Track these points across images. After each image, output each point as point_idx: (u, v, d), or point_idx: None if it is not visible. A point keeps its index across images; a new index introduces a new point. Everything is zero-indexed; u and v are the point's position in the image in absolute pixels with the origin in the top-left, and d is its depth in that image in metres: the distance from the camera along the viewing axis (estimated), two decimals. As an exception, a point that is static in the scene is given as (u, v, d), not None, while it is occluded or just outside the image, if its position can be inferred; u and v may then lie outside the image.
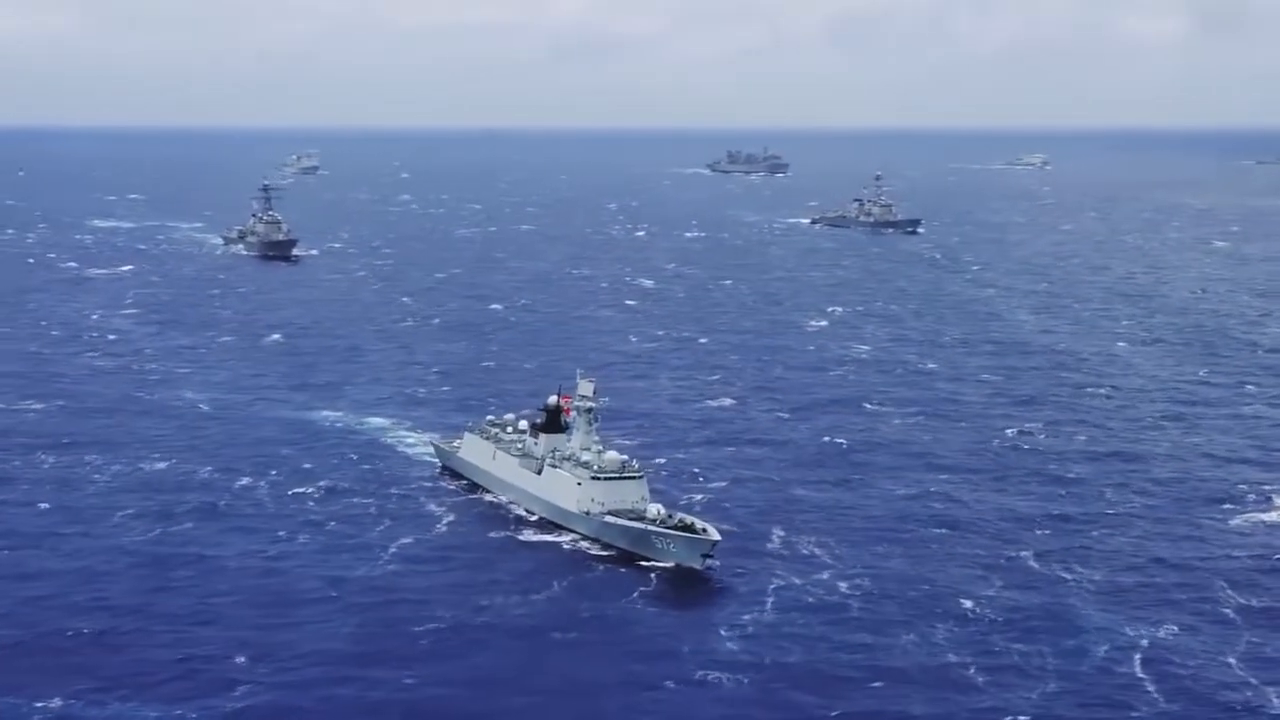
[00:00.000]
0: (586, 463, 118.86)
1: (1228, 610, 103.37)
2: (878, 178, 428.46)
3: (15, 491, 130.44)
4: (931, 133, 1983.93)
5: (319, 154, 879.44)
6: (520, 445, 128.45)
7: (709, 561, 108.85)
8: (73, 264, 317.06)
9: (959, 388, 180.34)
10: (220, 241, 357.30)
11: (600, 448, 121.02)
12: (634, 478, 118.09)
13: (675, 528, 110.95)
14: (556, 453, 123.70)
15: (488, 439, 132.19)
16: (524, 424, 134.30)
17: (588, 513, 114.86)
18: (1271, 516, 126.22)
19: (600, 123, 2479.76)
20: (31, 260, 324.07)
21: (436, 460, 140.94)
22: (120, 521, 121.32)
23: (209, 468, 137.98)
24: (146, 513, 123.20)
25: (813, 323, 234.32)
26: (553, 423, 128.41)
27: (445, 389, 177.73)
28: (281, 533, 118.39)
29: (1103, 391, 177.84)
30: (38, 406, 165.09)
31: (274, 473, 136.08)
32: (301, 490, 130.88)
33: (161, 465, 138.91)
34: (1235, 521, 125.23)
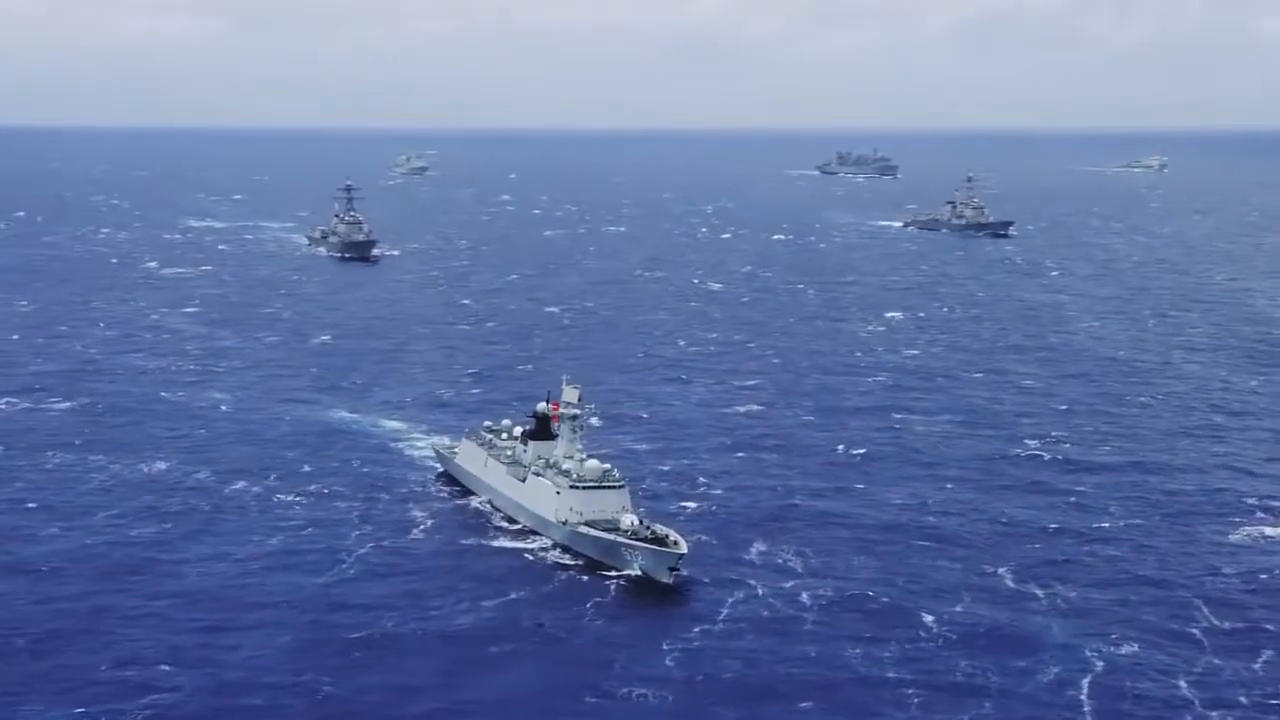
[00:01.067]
0: (567, 471, 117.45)
1: (1195, 630, 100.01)
2: (969, 179, 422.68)
3: (10, 489, 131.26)
4: (1056, 134, 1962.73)
5: (435, 154, 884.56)
6: (510, 452, 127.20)
7: (676, 574, 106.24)
8: (153, 264, 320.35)
9: (997, 395, 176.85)
10: (306, 242, 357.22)
11: (583, 456, 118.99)
12: (614, 487, 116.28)
13: (647, 539, 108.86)
14: (543, 460, 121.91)
15: (481, 445, 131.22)
16: (519, 430, 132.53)
17: (565, 522, 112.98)
18: (1273, 531, 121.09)
19: (723, 124, 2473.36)
20: (115, 260, 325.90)
21: (439, 465, 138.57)
22: (99, 522, 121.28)
23: (209, 470, 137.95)
24: (128, 514, 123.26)
25: (869, 328, 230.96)
26: (542, 430, 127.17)
27: (475, 392, 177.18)
28: (255, 537, 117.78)
29: (1142, 400, 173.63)
30: (64, 405, 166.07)
31: (272, 476, 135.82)
32: (291, 494, 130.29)
33: (162, 466, 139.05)
34: (1234, 536, 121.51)
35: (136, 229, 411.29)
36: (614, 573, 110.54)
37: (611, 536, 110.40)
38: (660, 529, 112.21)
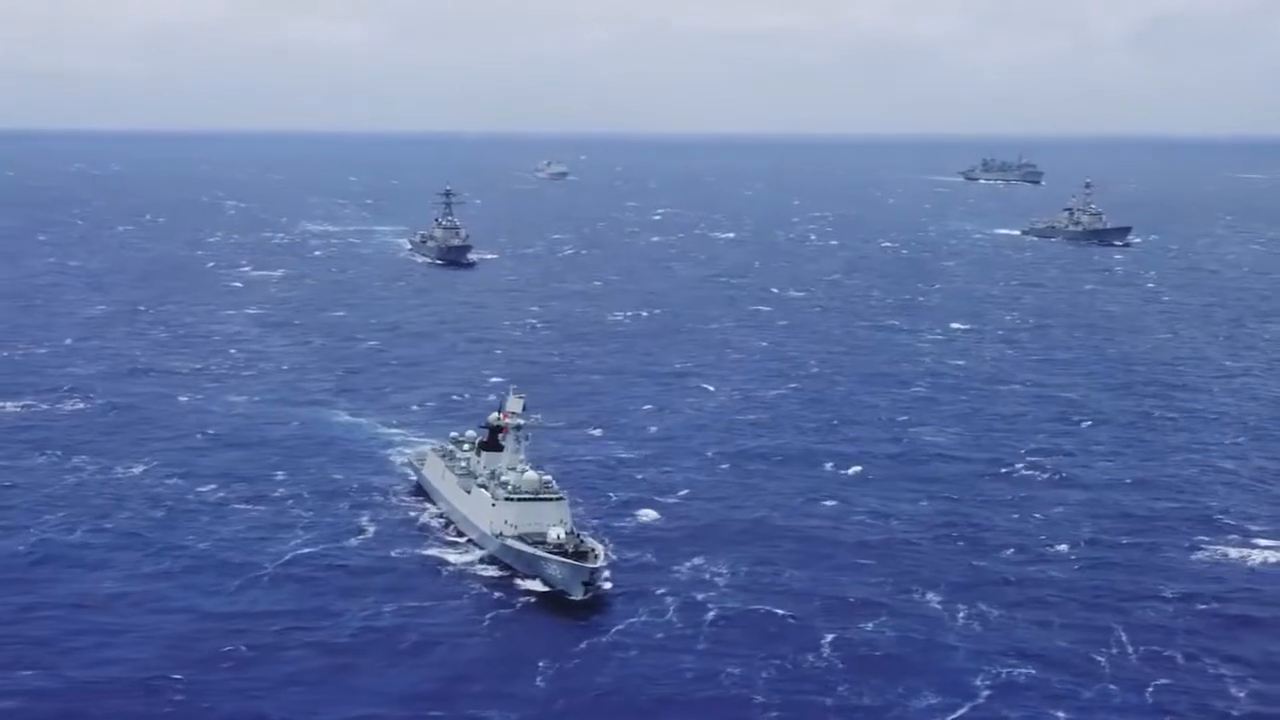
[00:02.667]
0: (505, 482, 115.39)
1: (1101, 657, 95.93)
2: (1088, 185, 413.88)
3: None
4: (1223, 140, 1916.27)
5: (585, 159, 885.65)
6: (465, 464, 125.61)
7: (591, 588, 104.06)
8: (246, 267, 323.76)
9: (1028, 408, 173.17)
10: (408, 246, 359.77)
11: (525, 467, 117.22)
12: (551, 499, 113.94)
13: (568, 552, 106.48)
14: (489, 471, 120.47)
15: (442, 456, 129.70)
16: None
17: (499, 534, 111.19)
18: (1237, 553, 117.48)
19: (883, 130, 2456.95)
20: (211, 264, 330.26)
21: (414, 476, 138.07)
22: (37, 525, 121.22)
23: (183, 475, 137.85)
24: (73, 518, 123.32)
25: (929, 336, 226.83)
26: (493, 441, 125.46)
27: (490, 399, 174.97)
28: (188, 540, 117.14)
29: (1173, 416, 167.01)
30: (79, 406, 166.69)
31: (240, 481, 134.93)
32: (251, 500, 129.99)
33: (137, 470, 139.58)
34: (1196, 557, 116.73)
35: (248, 233, 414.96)
36: (533, 586, 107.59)
37: (531, 549, 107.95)
38: (591, 542, 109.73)
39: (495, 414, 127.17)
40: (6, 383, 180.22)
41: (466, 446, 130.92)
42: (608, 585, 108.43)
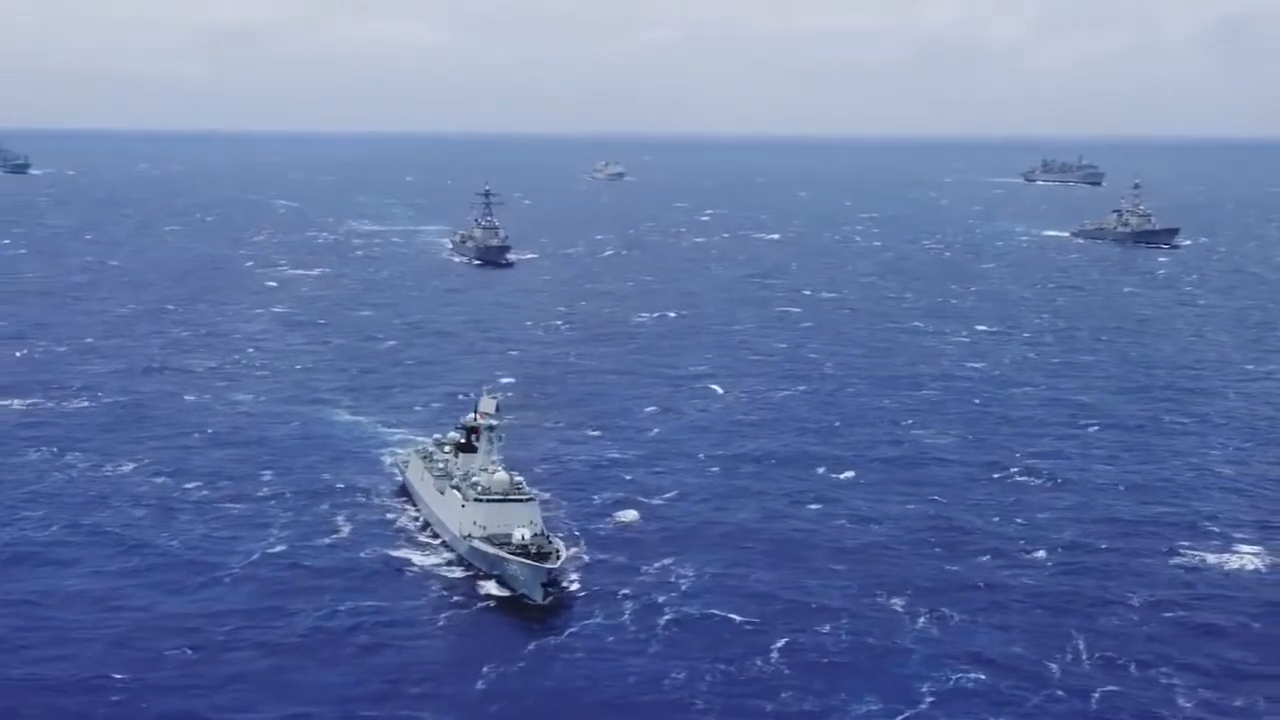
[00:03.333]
0: (475, 483, 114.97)
1: (1054, 666, 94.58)
2: (1136, 186, 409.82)
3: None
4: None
5: (651, 159, 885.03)
6: (443, 465, 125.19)
7: (550, 591, 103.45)
8: (283, 265, 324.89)
9: (1037, 411, 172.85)
10: (449, 246, 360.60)
11: (496, 468, 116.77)
12: (521, 500, 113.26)
13: (534, 554, 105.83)
14: (461, 473, 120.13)
15: (423, 458, 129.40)
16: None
17: (467, 535, 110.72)
18: (1216, 559, 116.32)
19: (949, 131, 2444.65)
20: (250, 263, 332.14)
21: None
22: (15, 523, 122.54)
23: (170, 473, 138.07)
24: (51, 516, 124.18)
25: (954, 339, 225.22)
26: (470, 443, 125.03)
27: (496, 398, 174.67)
28: (160, 539, 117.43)
29: (1183, 421, 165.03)
30: (83, 405, 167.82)
31: (226, 482, 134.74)
32: (231, 500, 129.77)
33: (127, 468, 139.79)
34: (1175, 562, 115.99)
35: (293, 232, 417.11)
36: (494, 589, 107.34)
37: (493, 550, 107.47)
38: (557, 544, 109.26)
39: (472, 415, 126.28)
40: (20, 380, 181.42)
41: (447, 448, 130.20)
42: (574, 587, 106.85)
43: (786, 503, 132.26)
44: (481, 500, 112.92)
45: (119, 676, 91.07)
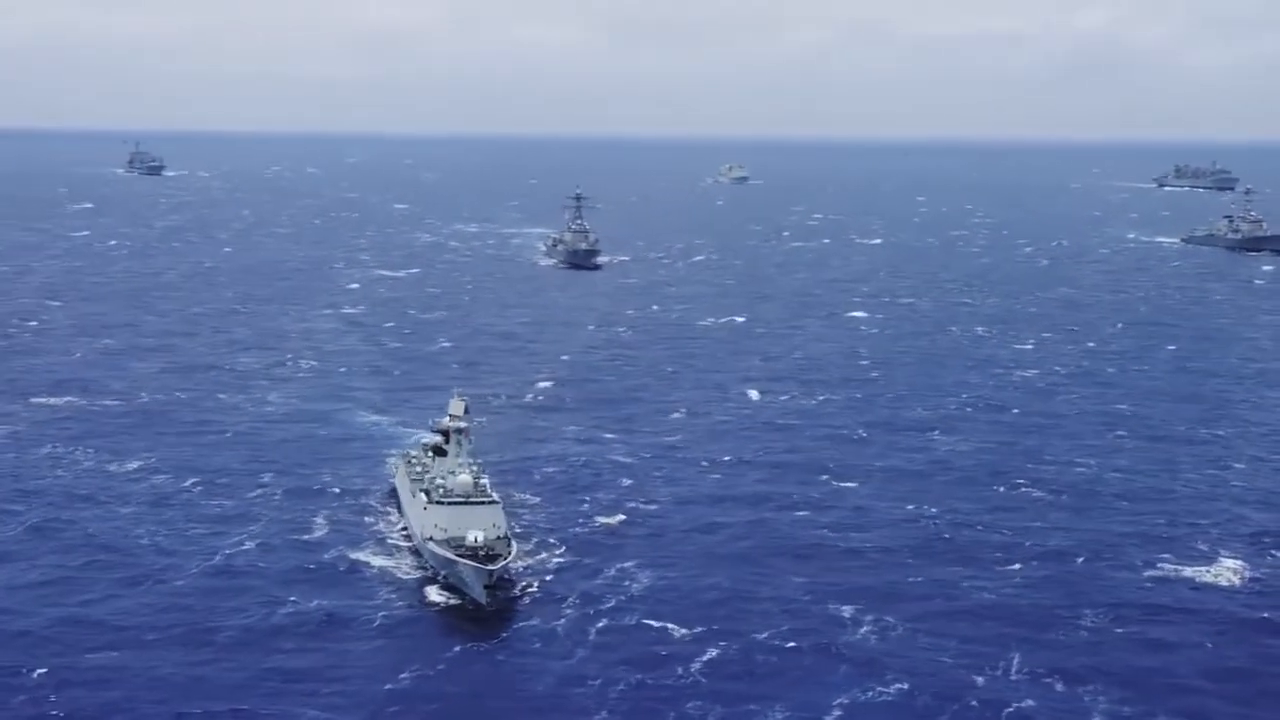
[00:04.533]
0: (439, 485, 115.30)
1: (980, 679, 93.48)
2: (1248, 191, 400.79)
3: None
4: None
5: (778, 164, 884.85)
6: (420, 469, 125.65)
7: (495, 592, 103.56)
8: (373, 267, 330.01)
9: (1069, 420, 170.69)
10: (543, 249, 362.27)
11: (463, 471, 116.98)
12: (483, 503, 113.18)
13: (482, 556, 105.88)
14: (432, 476, 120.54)
15: (406, 462, 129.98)
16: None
17: (429, 538, 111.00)
18: (1192, 572, 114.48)
19: (1094, 134, 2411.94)
20: (340, 264, 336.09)
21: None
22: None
23: (172, 471, 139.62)
24: (30, 513, 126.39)
25: (1014, 346, 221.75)
26: (440, 446, 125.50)
27: (527, 399, 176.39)
28: (131, 536, 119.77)
29: (1220, 434, 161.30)
30: (114, 403, 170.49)
31: (223, 481, 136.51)
32: (221, 499, 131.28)
33: (130, 466, 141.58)
34: (1149, 574, 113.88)
35: (400, 233, 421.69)
36: (440, 593, 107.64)
37: (442, 551, 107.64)
38: (512, 547, 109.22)
39: (447, 418, 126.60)
40: (63, 379, 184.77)
41: (429, 452, 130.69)
42: (531, 589, 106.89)
43: (774, 510, 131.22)
44: (442, 503, 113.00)
45: (40, 671, 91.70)
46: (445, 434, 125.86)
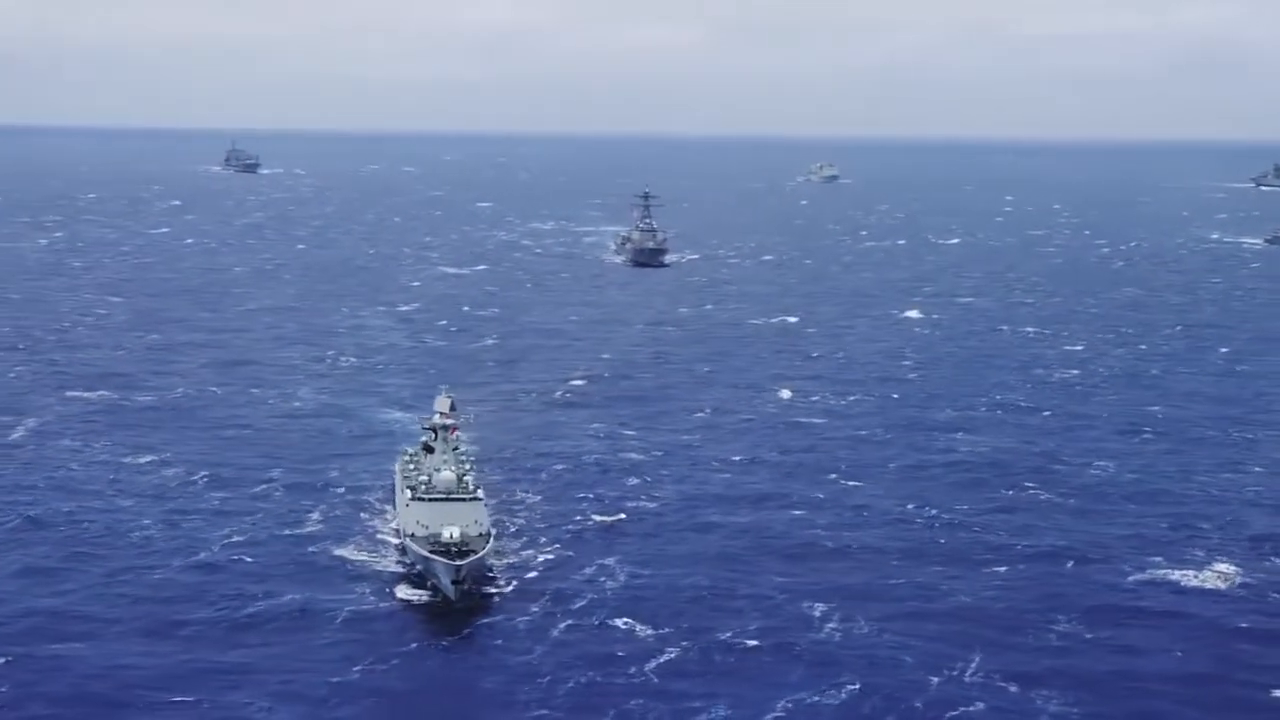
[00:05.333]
0: (422, 482, 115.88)
1: (936, 679, 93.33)
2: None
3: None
4: None
5: (873, 163, 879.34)
6: (414, 466, 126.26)
7: (463, 588, 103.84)
8: (440, 264, 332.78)
9: (1095, 421, 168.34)
10: (613, 247, 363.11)
11: (444, 467, 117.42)
12: (464, 499, 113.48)
13: (454, 552, 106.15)
14: (420, 472, 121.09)
15: (404, 458, 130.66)
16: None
17: (411, 535, 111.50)
18: (1179, 576, 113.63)
19: (1203, 134, 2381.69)
20: (410, 261, 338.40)
21: None
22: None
23: (184, 465, 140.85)
24: (27, 503, 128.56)
25: (1065, 346, 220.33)
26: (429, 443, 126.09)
27: (556, 396, 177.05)
28: (123, 527, 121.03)
29: (1249, 436, 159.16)
30: (145, 398, 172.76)
31: (230, 475, 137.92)
32: (223, 493, 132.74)
33: (143, 459, 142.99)
34: (1134, 578, 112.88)
35: (476, 230, 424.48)
36: (410, 590, 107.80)
37: (415, 546, 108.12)
38: (490, 544, 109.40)
39: (436, 414, 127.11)
40: (101, 373, 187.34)
41: (424, 449, 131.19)
42: (510, 586, 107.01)
43: (774, 509, 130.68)
44: (422, 499, 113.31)
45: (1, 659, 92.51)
46: (434, 431, 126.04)
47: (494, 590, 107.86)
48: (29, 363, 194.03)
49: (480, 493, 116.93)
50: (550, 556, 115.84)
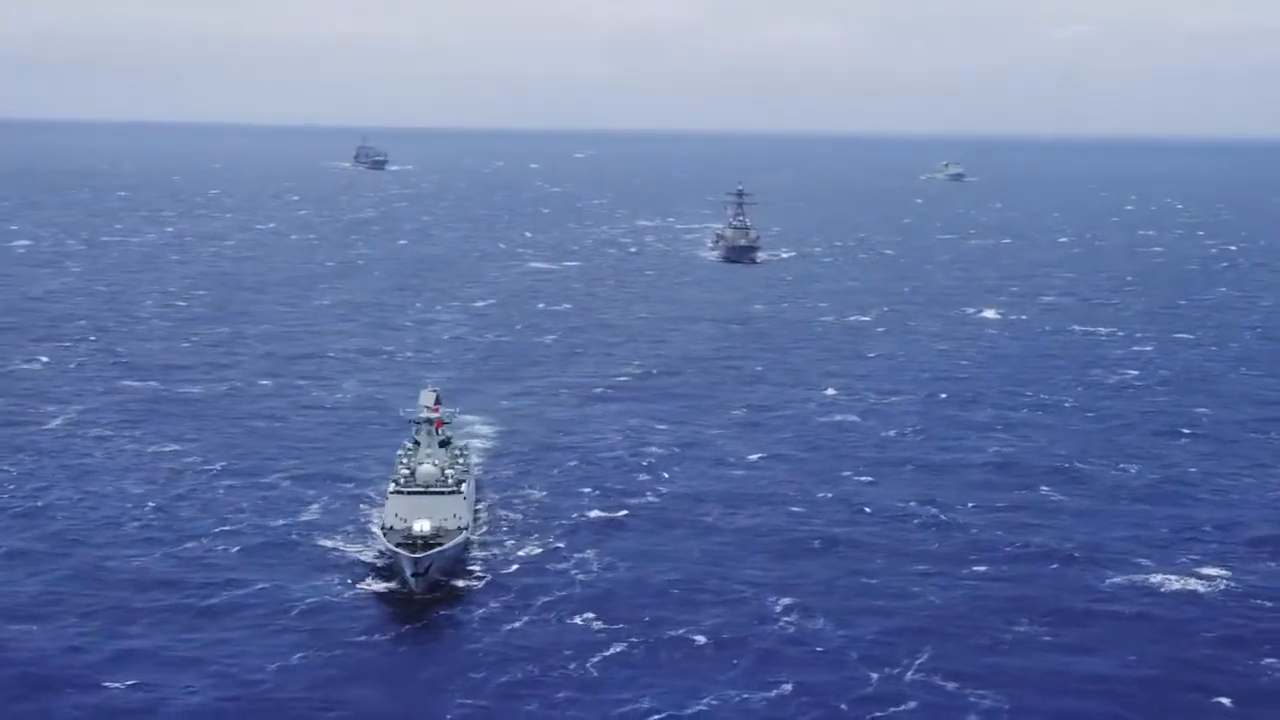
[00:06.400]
0: (405, 475, 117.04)
1: (874, 677, 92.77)
2: None
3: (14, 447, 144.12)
4: None
5: (1004, 160, 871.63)
6: (406, 460, 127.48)
7: (424, 580, 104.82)
8: (531, 259, 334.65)
9: (1136, 420, 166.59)
10: (710, 244, 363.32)
11: (425, 461, 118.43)
12: (443, 493, 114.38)
13: (419, 545, 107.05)
14: (406, 465, 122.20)
15: (401, 451, 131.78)
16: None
17: (390, 528, 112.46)
18: (1158, 579, 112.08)
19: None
20: (501, 258, 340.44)
21: None
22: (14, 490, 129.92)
23: (205, 454, 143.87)
24: (38, 498, 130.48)
25: (1136, 347, 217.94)
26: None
27: (597, 391, 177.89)
28: (123, 513, 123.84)
29: (1273, 434, 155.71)
30: (191, 390, 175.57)
31: (248, 465, 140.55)
32: (233, 480, 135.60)
33: (169, 448, 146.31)
34: (1111, 582, 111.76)
35: (579, 226, 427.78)
36: (374, 580, 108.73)
37: (383, 539, 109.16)
38: (463, 537, 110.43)
39: (422, 409, 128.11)
40: (162, 363, 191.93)
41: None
42: (481, 579, 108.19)
43: (775, 505, 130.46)
44: (401, 493, 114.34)
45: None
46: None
47: (464, 583, 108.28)
48: (94, 353, 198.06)
49: (465, 487, 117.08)
50: (535, 550, 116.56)
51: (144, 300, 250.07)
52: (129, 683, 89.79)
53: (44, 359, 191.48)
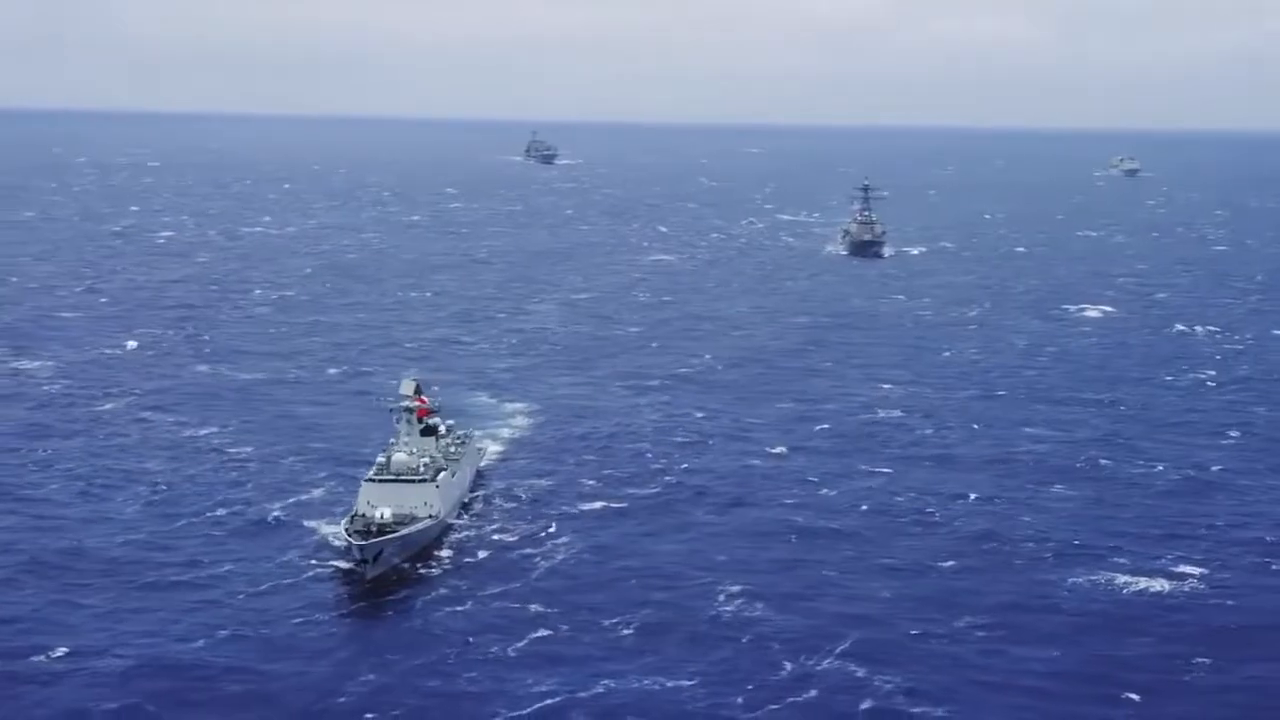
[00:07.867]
0: (380, 464, 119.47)
1: (790, 665, 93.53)
2: None
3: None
4: None
5: (1188, 158, 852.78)
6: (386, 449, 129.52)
7: (373, 566, 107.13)
8: (653, 252, 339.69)
9: (1191, 418, 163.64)
10: (839, 239, 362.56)
11: (399, 450, 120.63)
12: (413, 481, 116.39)
13: (374, 532, 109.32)
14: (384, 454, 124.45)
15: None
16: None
17: (360, 514, 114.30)
18: (1125, 578, 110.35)
19: None
20: (623, 251, 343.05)
21: None
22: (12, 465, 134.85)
23: (234, 437, 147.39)
24: (82, 462, 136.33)
25: (1227, 345, 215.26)
26: (427, 425, 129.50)
27: (651, 383, 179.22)
28: (133, 492, 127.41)
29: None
30: (251, 376, 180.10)
31: (274, 448, 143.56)
32: (253, 463, 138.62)
33: (202, 431, 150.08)
34: (1075, 580, 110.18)
35: (707, 220, 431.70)
36: (340, 563, 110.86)
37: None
38: (425, 525, 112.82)
39: (403, 398, 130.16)
40: (238, 349, 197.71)
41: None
42: (442, 566, 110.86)
43: (777, 496, 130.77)
44: (373, 481, 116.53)
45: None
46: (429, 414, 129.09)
47: (426, 569, 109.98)
48: (180, 340, 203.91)
49: (444, 475, 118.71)
50: (512, 538, 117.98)
51: (252, 290, 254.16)
52: (60, 652, 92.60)
53: (132, 344, 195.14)
